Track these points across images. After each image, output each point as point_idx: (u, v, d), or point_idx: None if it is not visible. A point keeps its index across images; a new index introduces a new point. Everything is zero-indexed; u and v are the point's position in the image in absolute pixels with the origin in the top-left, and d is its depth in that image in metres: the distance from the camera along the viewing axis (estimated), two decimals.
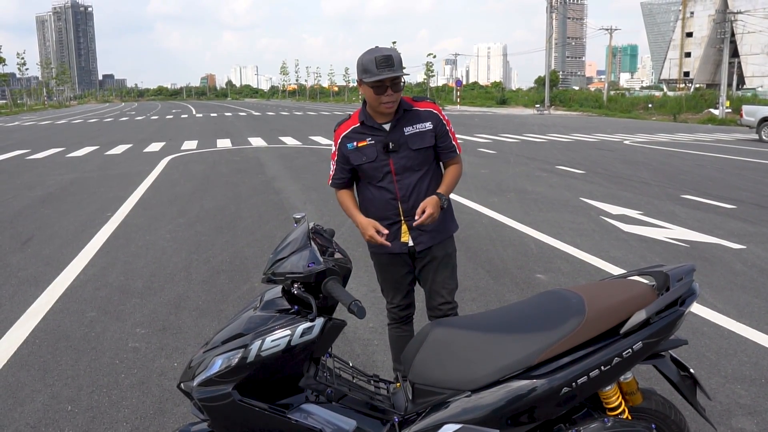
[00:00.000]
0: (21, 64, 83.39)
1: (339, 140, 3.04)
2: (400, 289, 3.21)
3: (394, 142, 2.91)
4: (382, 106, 2.82)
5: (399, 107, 2.91)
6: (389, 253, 3.08)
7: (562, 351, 2.00)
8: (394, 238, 3.00)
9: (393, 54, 2.75)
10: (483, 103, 74.69)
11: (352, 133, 2.99)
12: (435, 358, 2.08)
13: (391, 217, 3.01)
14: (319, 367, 2.12)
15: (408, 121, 2.95)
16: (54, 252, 6.78)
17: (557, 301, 2.13)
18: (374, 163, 2.95)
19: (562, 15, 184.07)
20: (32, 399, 3.56)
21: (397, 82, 2.78)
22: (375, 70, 2.73)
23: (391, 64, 2.72)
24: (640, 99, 57.63)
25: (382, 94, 2.77)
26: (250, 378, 1.94)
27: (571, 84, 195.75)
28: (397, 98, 2.83)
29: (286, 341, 1.93)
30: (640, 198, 9.82)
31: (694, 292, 2.15)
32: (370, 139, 2.94)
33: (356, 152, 2.97)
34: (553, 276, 5.70)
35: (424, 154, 2.98)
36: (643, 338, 2.03)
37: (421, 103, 3.01)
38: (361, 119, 2.98)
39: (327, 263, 2.02)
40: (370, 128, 2.95)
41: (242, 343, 1.95)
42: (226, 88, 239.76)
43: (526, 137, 23.28)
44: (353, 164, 3.00)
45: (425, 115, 2.98)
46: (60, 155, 18.01)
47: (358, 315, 1.85)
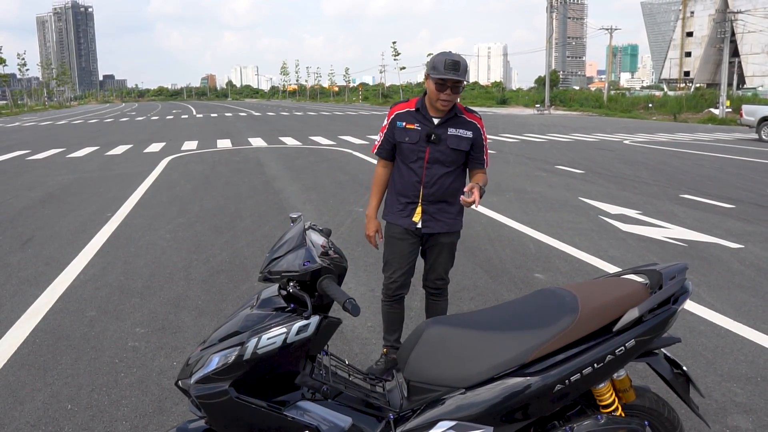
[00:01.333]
0: (21, 64, 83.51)
1: (392, 116, 3.46)
2: (402, 265, 3.56)
3: (437, 135, 3.32)
4: (439, 102, 3.23)
5: (451, 109, 3.33)
6: (400, 227, 3.50)
7: (556, 348, 2.02)
8: (409, 215, 3.46)
9: (461, 61, 3.12)
10: (483, 102, 74.65)
11: (406, 115, 3.42)
12: (430, 355, 2.10)
13: (411, 197, 3.44)
14: (315, 365, 2.14)
15: (454, 123, 3.35)
16: (54, 252, 6.80)
17: (551, 299, 2.16)
18: (413, 146, 3.36)
19: (563, 15, 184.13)
20: (32, 398, 3.59)
21: (458, 85, 3.17)
22: (442, 70, 3.09)
23: (457, 68, 3.10)
24: (641, 99, 57.62)
25: (442, 91, 3.17)
26: (246, 375, 1.96)
27: (572, 84, 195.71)
28: (453, 99, 3.22)
29: (282, 339, 1.96)
30: (639, 198, 9.85)
31: (687, 290, 2.18)
32: (418, 126, 3.35)
33: (402, 131, 3.39)
34: (551, 275, 5.72)
35: (457, 155, 3.36)
36: (635, 336, 2.05)
37: (470, 115, 3.42)
38: (417, 106, 3.39)
39: (322, 262, 2.04)
40: (422, 116, 3.36)
41: (239, 341, 1.97)
42: (226, 88, 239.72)
43: (526, 137, 23.30)
44: (396, 140, 3.42)
45: (469, 125, 3.39)
46: (60, 156, 18.03)
47: (352, 313, 1.88)
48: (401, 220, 3.48)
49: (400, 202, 3.49)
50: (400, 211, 3.49)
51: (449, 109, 3.31)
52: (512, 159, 15.67)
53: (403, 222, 3.47)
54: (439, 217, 3.44)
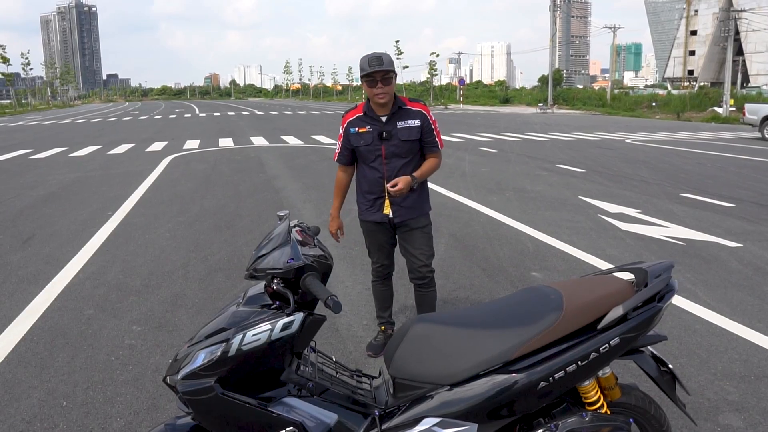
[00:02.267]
0: (25, 63, 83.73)
1: (345, 124, 3.73)
2: (383, 251, 3.96)
3: (387, 132, 3.58)
4: (375, 97, 3.47)
5: (395, 104, 3.59)
6: (374, 222, 3.81)
7: (540, 346, 2.03)
8: (378, 209, 3.76)
9: (383, 55, 3.42)
10: (486, 101, 74.60)
11: (357, 120, 3.68)
12: (415, 353, 2.11)
13: (377, 192, 3.73)
14: (301, 362, 2.16)
15: (401, 116, 3.61)
16: (54, 251, 6.83)
17: (536, 296, 2.17)
18: (369, 147, 3.63)
19: (566, 13, 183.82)
20: (28, 395, 3.61)
21: (387, 77, 3.42)
22: (367, 67, 3.39)
23: (380, 62, 3.38)
24: (644, 97, 57.49)
25: (373, 87, 3.44)
26: (232, 371, 1.97)
27: (575, 82, 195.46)
28: (387, 91, 3.46)
29: (267, 336, 1.97)
30: (639, 196, 9.84)
31: (673, 288, 2.18)
32: (369, 127, 3.62)
33: (357, 136, 3.66)
34: (548, 274, 5.72)
35: (411, 145, 3.63)
36: (620, 333, 2.06)
37: (413, 104, 3.67)
38: (364, 110, 3.65)
39: (305, 259, 2.05)
40: (371, 118, 3.63)
41: (224, 338, 1.99)
42: (229, 87, 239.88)
43: (528, 136, 23.29)
44: (353, 145, 3.69)
45: (415, 114, 3.65)
46: (63, 155, 18.09)
47: (333, 309, 1.89)
48: (373, 215, 3.78)
49: (368, 200, 3.79)
50: (370, 208, 3.79)
51: (393, 104, 3.58)
52: (513, 158, 15.67)
53: (375, 217, 3.77)
54: (405, 204, 3.71)
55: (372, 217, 3.79)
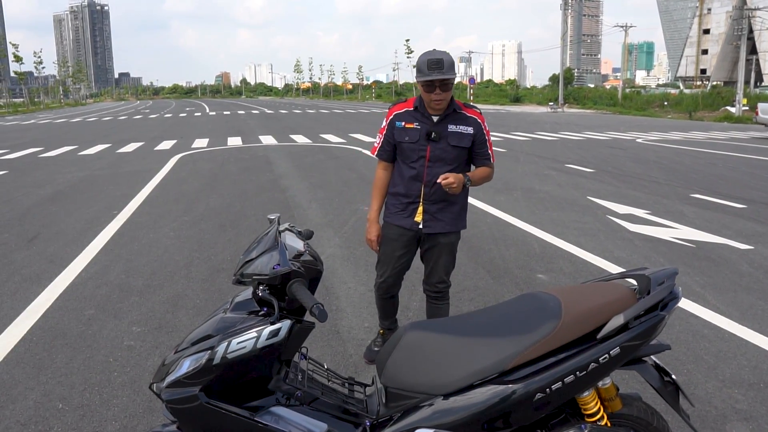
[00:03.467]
0: (38, 62, 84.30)
1: (391, 116, 3.45)
2: (395, 267, 3.58)
3: (437, 133, 3.31)
4: (432, 103, 3.25)
5: (449, 106, 3.32)
6: (400, 228, 3.48)
7: (537, 356, 1.96)
8: (410, 215, 3.46)
9: (444, 58, 3.10)
10: (497, 100, 74.39)
11: (404, 114, 3.41)
12: (408, 361, 2.05)
13: (413, 196, 3.43)
14: (291, 369, 2.10)
15: (454, 120, 3.34)
16: (58, 250, 6.82)
17: (534, 304, 2.09)
18: (414, 145, 3.36)
19: (578, 12, 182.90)
20: (25, 396, 3.58)
21: (446, 83, 3.16)
22: (426, 71, 3.11)
23: (440, 66, 3.08)
24: (656, 97, 57.11)
25: (431, 92, 3.19)
26: (217, 380, 1.92)
27: (587, 82, 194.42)
28: (445, 97, 3.22)
29: (253, 343, 1.91)
30: (648, 197, 9.72)
31: (676, 296, 2.10)
32: (417, 124, 3.35)
33: (402, 131, 3.38)
34: (554, 276, 5.64)
35: (459, 152, 3.35)
36: (621, 343, 1.98)
37: (469, 110, 3.40)
38: (415, 105, 3.38)
39: (292, 265, 1.99)
40: (421, 115, 3.36)
41: (209, 345, 1.93)
42: (240, 86, 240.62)
43: (537, 135, 23.14)
44: (396, 140, 3.42)
45: (470, 120, 3.38)
46: (72, 153, 18.16)
47: (318, 318, 1.83)
48: (402, 220, 3.48)
49: (401, 203, 3.48)
50: (400, 212, 3.49)
51: (447, 106, 3.32)
52: (522, 157, 15.55)
53: (404, 222, 3.47)
54: (440, 216, 3.43)
55: (401, 221, 3.48)
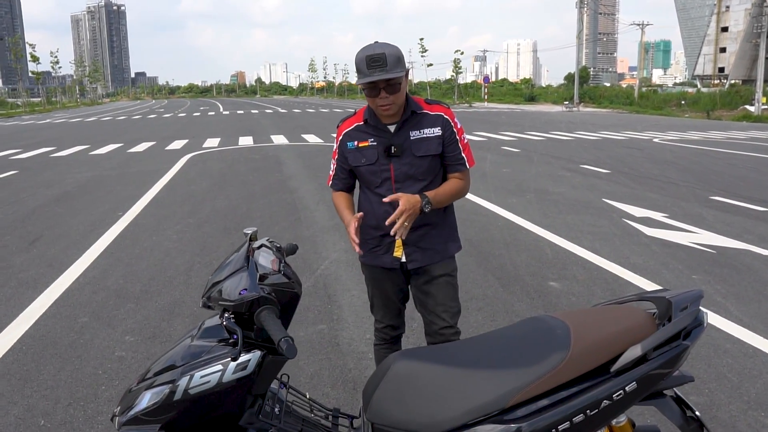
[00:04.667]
0: (54, 62, 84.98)
1: (340, 137, 2.79)
2: (390, 308, 2.94)
3: (397, 146, 2.64)
4: (379, 109, 2.59)
5: (407, 108, 2.65)
6: (381, 268, 2.82)
7: (542, 391, 1.72)
8: (387, 251, 2.77)
9: (387, 51, 2.46)
10: (511, 100, 73.87)
11: (355, 132, 2.74)
12: (396, 394, 1.82)
13: (386, 228, 2.64)
14: (266, 402, 1.88)
15: (415, 124, 2.67)
16: (59, 253, 6.68)
17: (540, 331, 1.86)
18: (373, 167, 2.69)
19: (594, 10, 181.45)
20: (6, 412, 3.41)
21: (393, 83, 2.50)
22: (366, 71, 2.47)
23: (382, 64, 2.44)
24: (673, 96, 56.39)
25: (375, 96, 2.53)
26: (179, 417, 1.71)
27: (603, 80, 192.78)
28: (394, 100, 2.55)
29: (218, 378, 1.71)
30: (666, 199, 9.41)
31: (701, 323, 1.87)
32: (372, 140, 2.68)
33: (356, 152, 2.72)
34: (566, 284, 5.39)
35: (429, 162, 2.69)
36: (638, 377, 1.74)
37: (432, 107, 2.72)
38: (365, 117, 2.72)
39: (261, 291, 1.77)
40: (374, 128, 2.69)
41: (171, 378, 1.73)
42: (255, 85, 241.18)
43: (552, 135, 22.80)
44: (351, 165, 2.76)
45: (434, 120, 2.69)
46: (83, 153, 18.12)
47: (286, 354, 1.61)
48: (380, 258, 2.79)
49: (373, 237, 2.78)
50: (375, 248, 2.79)
51: (404, 108, 2.65)
52: (536, 158, 15.26)
53: (383, 261, 2.79)
54: (425, 245, 2.74)
55: (378, 260, 2.80)
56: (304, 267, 5.98)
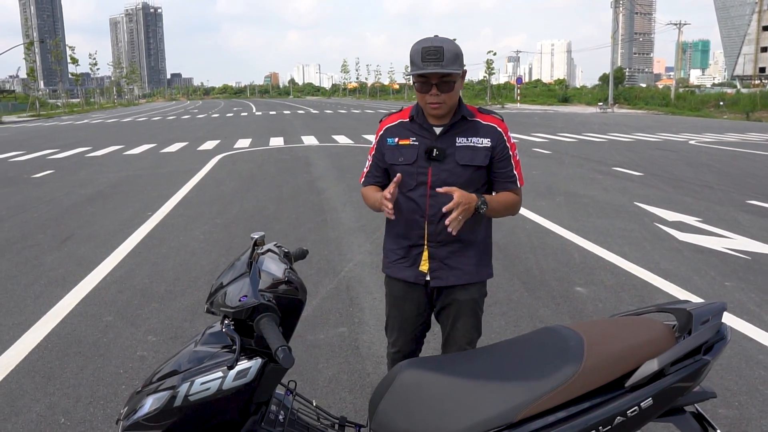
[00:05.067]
0: (92, 64, 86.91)
1: (381, 132, 2.62)
2: (406, 331, 2.67)
3: (440, 150, 2.44)
4: (428, 107, 2.41)
5: (458, 112, 2.47)
6: (404, 282, 2.59)
7: (552, 405, 1.66)
8: (413, 263, 2.55)
9: (445, 46, 2.27)
10: (544, 101, 73.08)
11: (398, 128, 2.57)
12: (402, 405, 1.77)
13: (413, 238, 2.52)
14: (270, 409, 1.85)
15: (464, 131, 2.47)
16: (88, 252, 6.78)
17: (552, 342, 1.79)
18: (410, 167, 2.48)
19: (629, 10, 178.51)
20: (29, 409, 3.46)
21: (447, 80, 2.32)
22: (419, 63, 2.30)
23: (439, 58, 2.26)
24: (711, 96, 55.12)
25: (425, 92, 2.36)
26: (180, 423, 1.69)
27: (638, 81, 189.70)
28: (446, 100, 2.37)
29: (218, 385, 1.68)
30: (700, 203, 9.17)
31: (724, 336, 1.78)
32: (414, 139, 2.50)
33: (395, 149, 2.53)
34: (594, 290, 5.27)
35: (472, 174, 2.46)
36: (654, 393, 1.67)
37: (485, 116, 2.52)
38: (411, 114, 2.54)
39: (261, 298, 1.74)
40: (419, 127, 2.51)
41: (172, 384, 1.71)
42: (288, 86, 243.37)
43: (584, 137, 22.46)
44: (388, 163, 2.56)
45: (486, 130, 2.48)
46: (118, 153, 18.45)
47: (282, 363, 1.57)
48: (404, 271, 2.57)
49: (400, 247, 2.58)
50: (400, 260, 2.58)
51: (454, 111, 2.47)
52: (567, 160, 15.04)
53: (406, 274, 2.57)
54: (453, 263, 2.51)
55: (402, 273, 2.58)
56: (328, 269, 5.97)
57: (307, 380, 3.71)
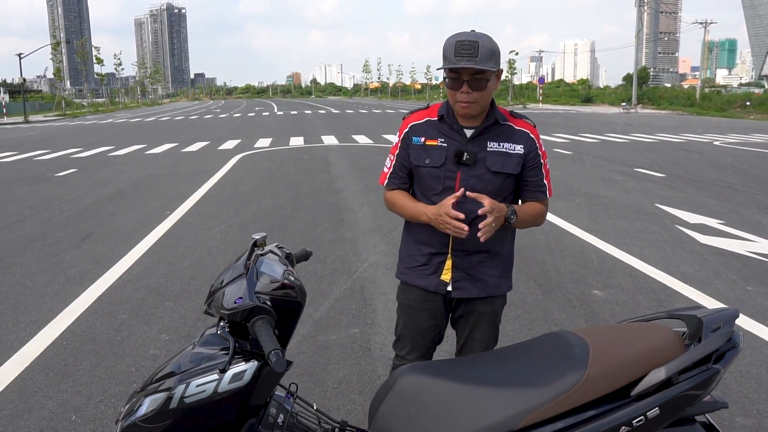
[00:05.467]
0: (117, 64, 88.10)
1: (406, 130, 2.43)
2: (419, 345, 2.52)
3: (471, 154, 2.27)
4: (457, 105, 2.25)
5: (490, 115, 2.33)
6: (422, 290, 2.45)
7: (555, 414, 1.61)
8: (434, 271, 2.41)
9: (481, 41, 2.13)
10: (567, 101, 72.45)
11: (425, 126, 2.39)
12: (402, 411, 1.73)
13: (437, 245, 2.39)
14: (269, 412, 1.83)
15: (497, 135, 2.33)
16: (107, 250, 6.84)
17: (557, 348, 1.75)
18: (437, 170, 2.32)
19: (654, 9, 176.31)
20: (41, 406, 3.48)
21: (480, 78, 2.17)
22: (452, 58, 2.14)
23: (473, 53, 2.11)
24: (737, 96, 54.22)
25: (456, 89, 2.20)
26: (176, 425, 1.67)
27: (663, 81, 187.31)
28: (477, 99, 2.21)
29: (213, 387, 1.66)
30: (723, 205, 9.00)
31: (736, 345, 1.71)
32: (443, 140, 2.33)
33: (421, 149, 2.36)
34: (611, 293, 5.19)
35: (502, 181, 2.32)
36: (660, 402, 1.61)
37: (519, 122, 2.39)
38: (440, 113, 2.37)
39: (258, 299, 1.72)
40: (449, 127, 2.34)
41: (168, 386, 1.69)
42: (310, 86, 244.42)
43: (606, 137, 22.21)
44: (413, 164, 2.39)
45: (519, 136, 2.35)
46: (140, 152, 18.65)
47: (275, 367, 1.54)
48: (424, 279, 2.44)
49: (422, 254, 2.45)
50: (421, 267, 2.45)
51: (487, 114, 2.32)
52: (588, 160, 14.87)
53: (427, 282, 2.43)
54: (477, 274, 2.39)
55: (421, 281, 2.44)
56: (343, 269, 5.95)
57: (316, 381, 3.70)
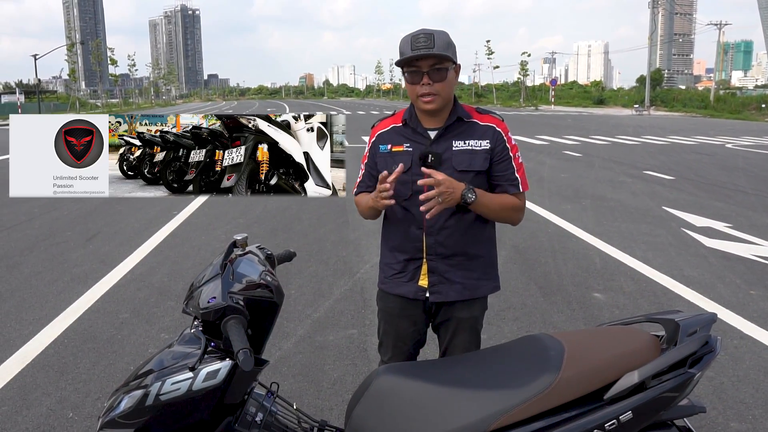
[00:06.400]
0: (131, 65, 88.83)
1: (373, 139, 2.45)
2: (400, 351, 2.49)
3: (435, 155, 2.25)
4: (419, 101, 2.23)
5: (453, 113, 2.31)
6: (400, 298, 2.41)
7: (527, 416, 1.61)
8: (411, 278, 2.37)
9: (436, 34, 2.15)
10: (579, 102, 72.18)
11: (390, 133, 2.40)
12: (376, 412, 1.75)
13: (411, 251, 2.35)
14: (247, 410, 1.85)
15: (461, 133, 2.30)
16: (112, 249, 6.91)
17: (533, 350, 1.75)
18: (405, 176, 2.22)
19: (669, 11, 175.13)
20: (40, 402, 3.53)
21: (440, 68, 2.17)
22: (408, 50, 2.17)
23: (429, 44, 2.12)
24: (753, 99, 53.71)
25: (417, 82, 2.20)
26: (151, 423, 1.70)
27: (677, 83, 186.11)
28: (439, 91, 2.20)
29: (187, 386, 1.68)
30: (731, 208, 8.93)
31: (713, 349, 1.71)
32: (408, 145, 2.32)
33: (388, 157, 2.35)
34: (611, 296, 5.17)
35: (471, 179, 2.25)
36: (634, 406, 1.61)
37: (483, 116, 2.36)
38: (404, 118, 2.37)
39: (231, 299, 1.74)
40: (412, 131, 2.34)
41: (145, 383, 1.72)
42: (323, 87, 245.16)
43: (617, 139, 22.09)
44: (381, 172, 2.24)
45: (484, 131, 2.31)
46: None
47: (242, 365, 1.56)
48: (402, 287, 2.39)
49: (397, 261, 2.41)
50: (398, 274, 2.41)
51: (449, 112, 2.31)
52: (598, 163, 14.80)
53: (405, 290, 2.39)
54: (454, 277, 2.33)
55: (399, 289, 2.40)
56: (344, 270, 5.97)
57: (311, 381, 3.72)
